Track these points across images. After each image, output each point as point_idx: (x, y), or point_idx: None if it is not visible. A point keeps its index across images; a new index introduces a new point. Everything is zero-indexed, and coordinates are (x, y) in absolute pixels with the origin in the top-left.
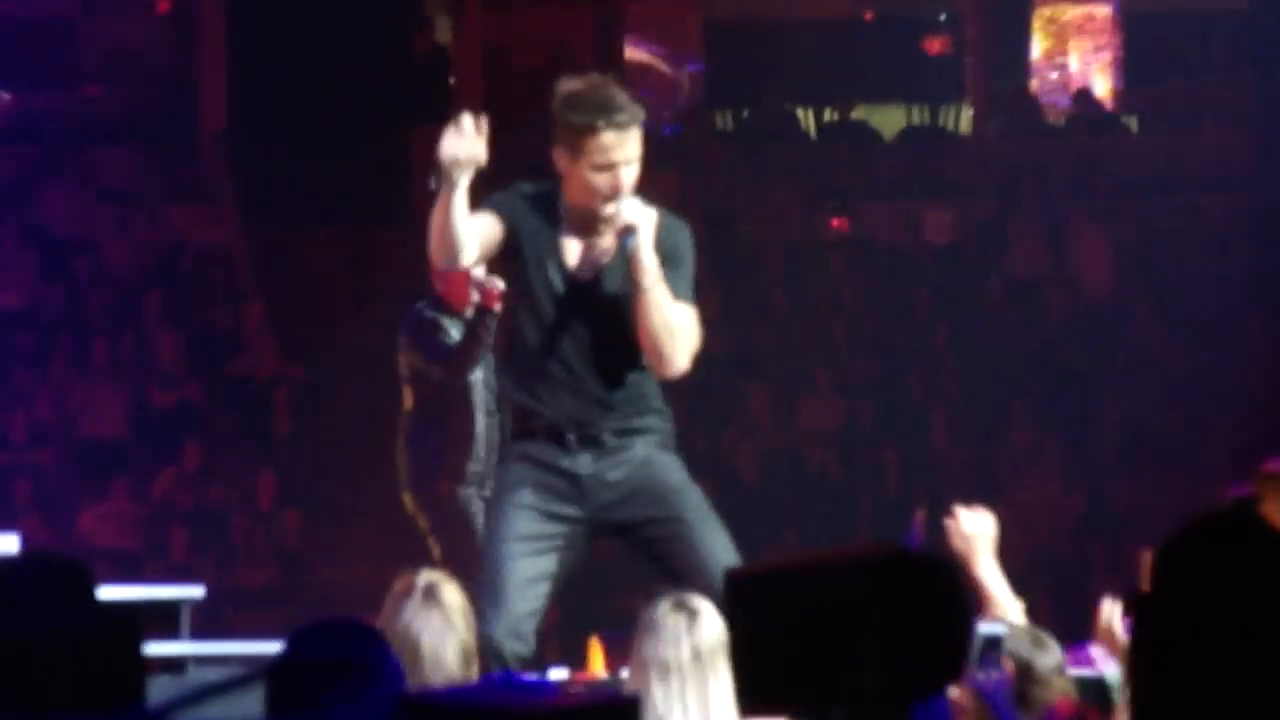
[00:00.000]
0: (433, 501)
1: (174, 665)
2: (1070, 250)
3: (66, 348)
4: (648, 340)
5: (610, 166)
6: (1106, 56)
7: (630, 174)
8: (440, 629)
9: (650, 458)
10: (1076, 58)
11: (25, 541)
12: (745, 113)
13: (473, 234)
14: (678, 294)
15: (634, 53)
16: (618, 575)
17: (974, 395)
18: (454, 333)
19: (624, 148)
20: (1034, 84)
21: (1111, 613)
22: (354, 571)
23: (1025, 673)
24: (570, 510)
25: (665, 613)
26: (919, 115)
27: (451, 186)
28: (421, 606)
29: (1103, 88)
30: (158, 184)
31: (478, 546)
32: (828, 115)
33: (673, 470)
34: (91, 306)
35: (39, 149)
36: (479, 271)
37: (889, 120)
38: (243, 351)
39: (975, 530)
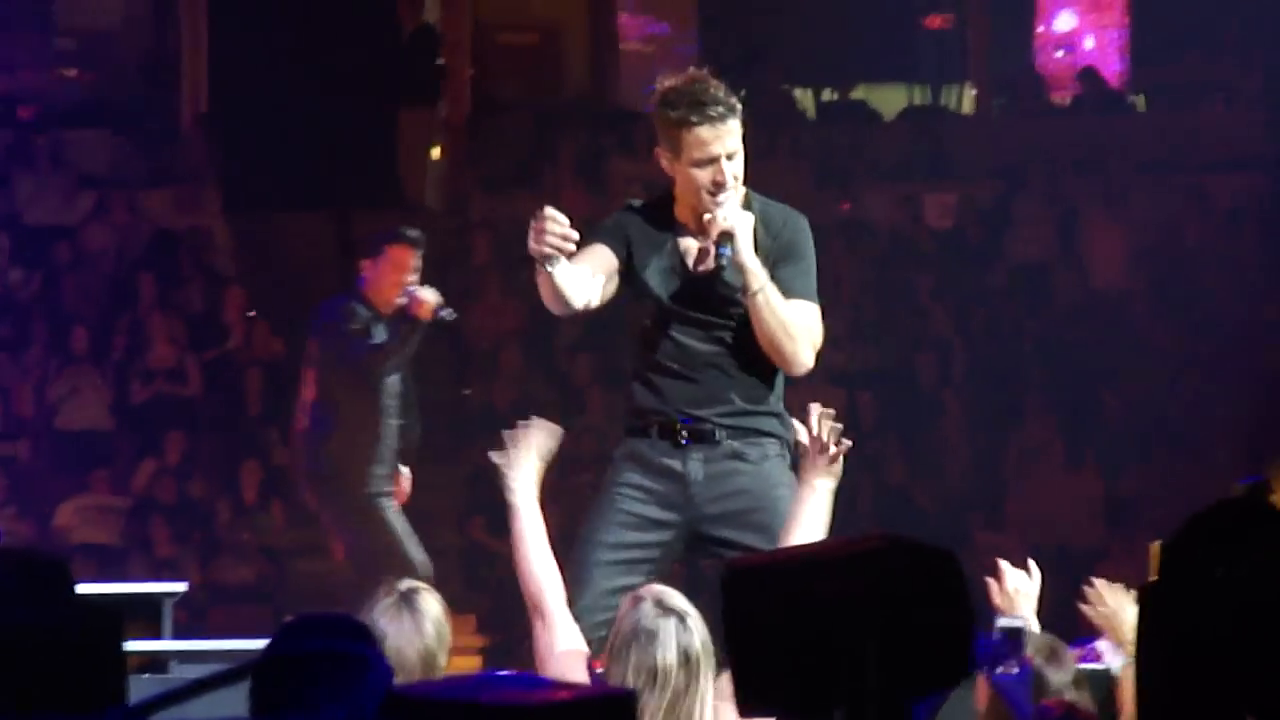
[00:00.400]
0: (332, 498)
1: (156, 662)
2: (1076, 233)
3: (44, 336)
4: (765, 341)
5: (711, 161)
6: (1113, 34)
7: (734, 167)
8: (409, 633)
9: (769, 475)
10: (1083, 35)
11: (0, 537)
12: (742, 93)
13: (582, 283)
14: (795, 291)
15: (627, 31)
16: None
17: (979, 383)
18: (378, 333)
19: (721, 141)
20: (1039, 62)
21: (1099, 595)
22: (339, 565)
23: (1038, 685)
24: (671, 516)
25: (653, 617)
26: (920, 95)
27: (551, 266)
28: (394, 608)
29: (1109, 66)
30: (138, 168)
31: (380, 552)
32: (826, 95)
33: (786, 498)
34: (70, 293)
35: (14, 133)
36: (413, 279)
37: (889, 100)
38: (226, 338)
39: (1019, 587)
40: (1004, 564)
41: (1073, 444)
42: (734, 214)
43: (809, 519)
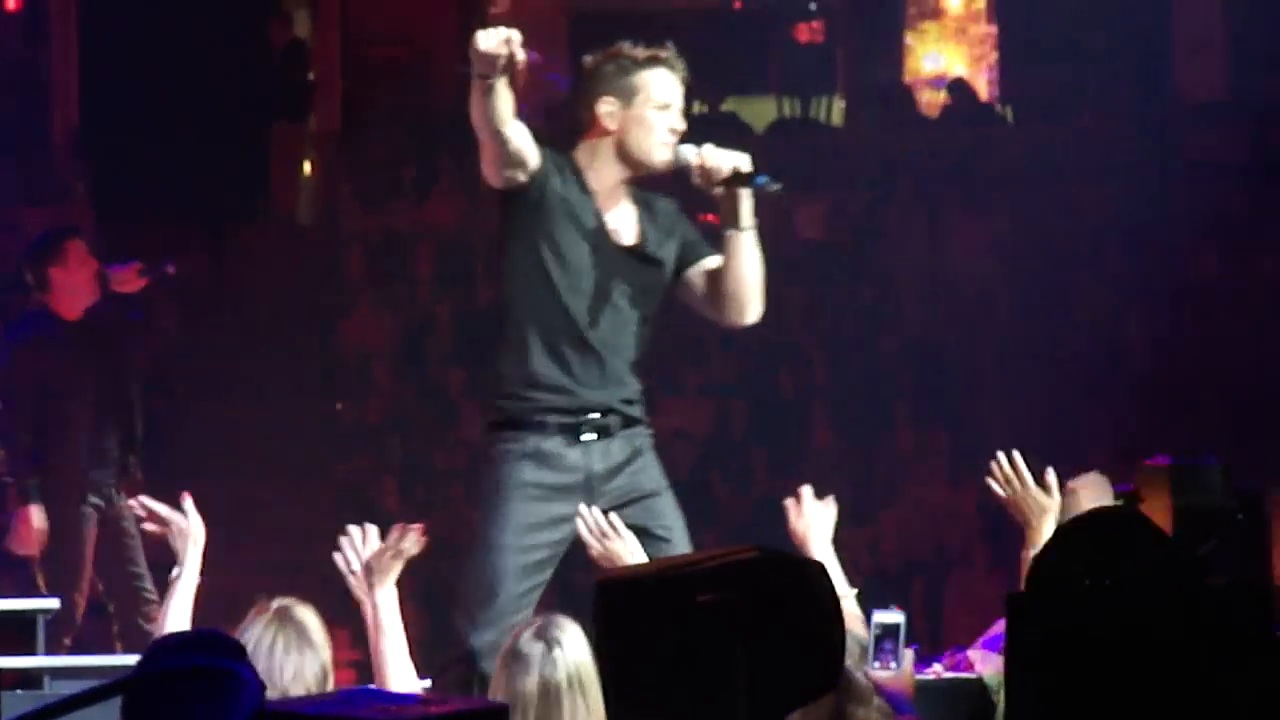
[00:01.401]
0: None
1: (30, 679)
2: (945, 244)
3: None
4: (743, 283)
5: (668, 106)
6: (981, 45)
7: (680, 118)
8: (297, 645)
9: (646, 462)
10: (950, 46)
11: None
12: None
13: (525, 130)
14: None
15: None
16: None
17: (851, 394)
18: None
19: (677, 91)
20: (907, 74)
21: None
22: (214, 580)
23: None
24: (574, 509)
25: (526, 640)
26: (790, 107)
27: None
28: (275, 623)
29: (978, 77)
30: (10, 186)
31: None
32: (697, 107)
33: (661, 477)
34: None
35: None
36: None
37: (760, 112)
38: None
39: (815, 515)
40: (806, 490)
41: (948, 453)
42: (719, 152)
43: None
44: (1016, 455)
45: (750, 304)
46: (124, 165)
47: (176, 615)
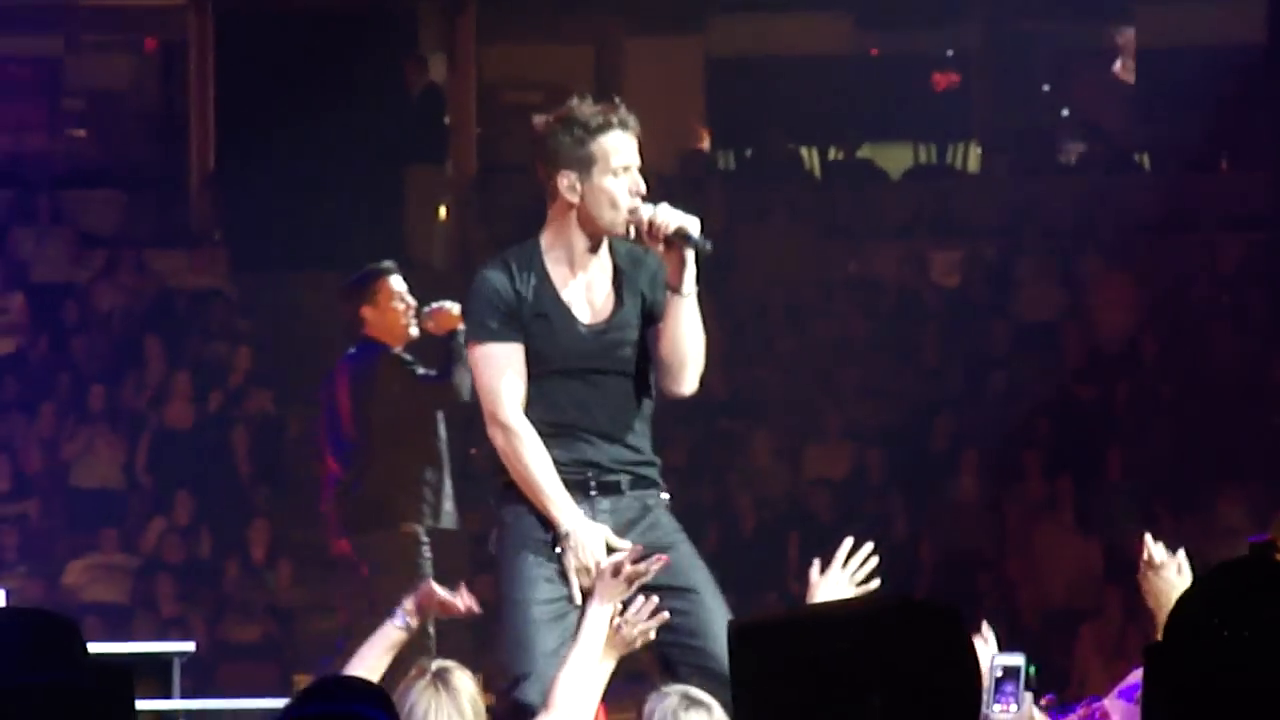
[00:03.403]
0: (373, 543)
1: None
2: (1082, 291)
3: (55, 395)
4: (678, 350)
5: (626, 169)
6: (1119, 92)
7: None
8: (448, 712)
9: (659, 520)
10: (1087, 93)
11: (10, 595)
12: (748, 152)
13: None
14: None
15: (634, 91)
16: None
17: (985, 441)
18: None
19: (633, 150)
20: (1044, 121)
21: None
22: (343, 622)
23: None
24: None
25: (675, 710)
26: (925, 154)
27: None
28: (430, 688)
29: (1115, 124)
30: (145, 228)
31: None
32: (832, 154)
33: (683, 539)
34: (79, 352)
35: (21, 192)
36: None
37: (895, 159)
38: (234, 397)
39: (827, 582)
40: (844, 547)
41: (1080, 502)
42: (672, 211)
43: (585, 640)
44: (1149, 538)
45: (683, 373)
46: (259, 210)
47: (370, 661)
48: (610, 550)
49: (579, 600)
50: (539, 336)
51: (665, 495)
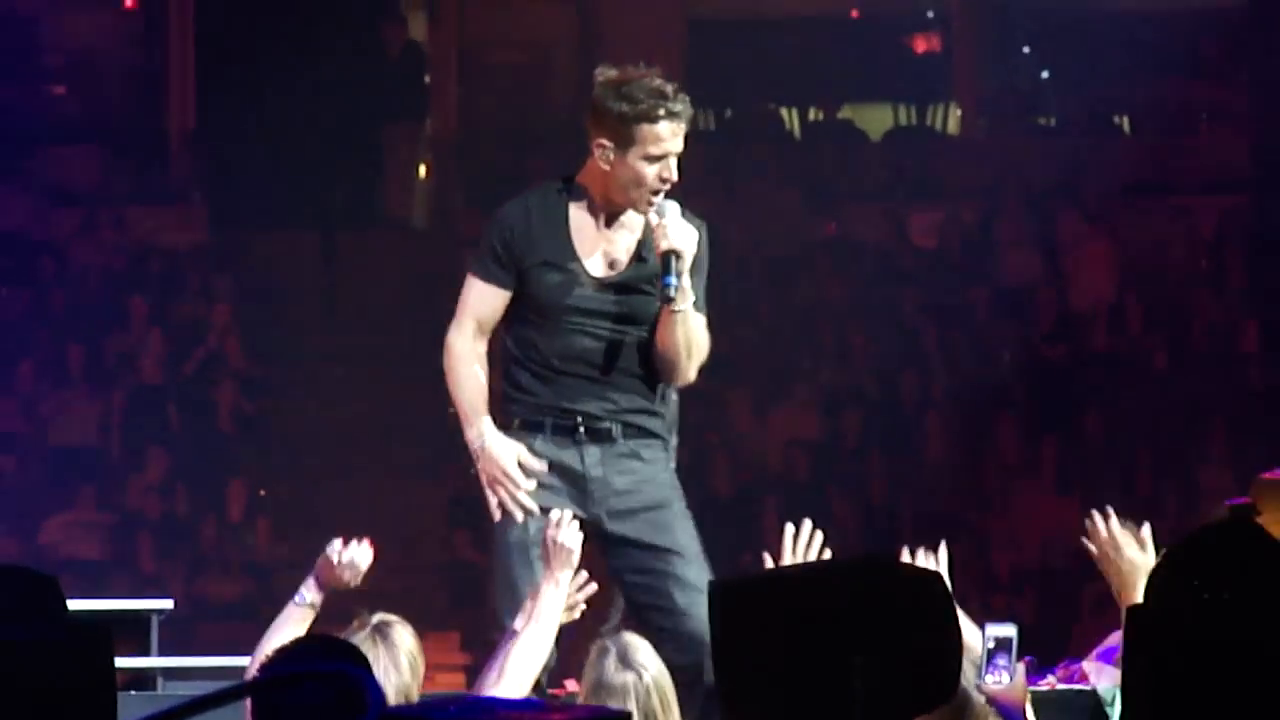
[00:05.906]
0: None
1: (143, 679)
2: (1061, 254)
3: (34, 352)
4: (666, 354)
5: (662, 157)
6: (1099, 54)
7: (675, 166)
8: (385, 666)
9: (657, 476)
10: (1068, 55)
11: None
12: (728, 112)
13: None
14: (698, 302)
15: (614, 50)
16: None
17: (962, 402)
18: None
19: (677, 139)
20: (1024, 83)
21: (1115, 541)
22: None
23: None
24: (575, 511)
25: (613, 672)
26: (906, 115)
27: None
28: (368, 640)
29: (1095, 87)
30: (124, 184)
31: None
32: (812, 115)
33: (677, 497)
34: (58, 309)
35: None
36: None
37: (875, 120)
38: (212, 355)
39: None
40: (790, 530)
41: (1057, 463)
42: (680, 231)
43: (543, 616)
44: (1111, 514)
45: (674, 373)
46: (238, 168)
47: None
48: (523, 467)
49: (497, 516)
50: (543, 284)
51: (669, 448)
